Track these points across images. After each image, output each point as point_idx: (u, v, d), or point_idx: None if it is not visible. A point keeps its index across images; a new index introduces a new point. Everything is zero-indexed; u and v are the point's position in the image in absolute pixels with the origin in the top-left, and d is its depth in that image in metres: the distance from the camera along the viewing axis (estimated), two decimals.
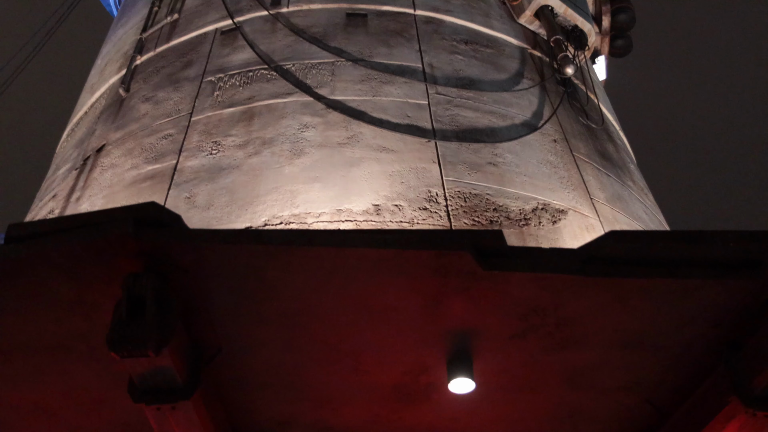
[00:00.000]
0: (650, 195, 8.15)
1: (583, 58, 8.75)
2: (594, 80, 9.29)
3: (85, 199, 6.78)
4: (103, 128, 7.66)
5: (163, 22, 8.47)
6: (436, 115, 6.63)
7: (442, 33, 7.67)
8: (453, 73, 7.19)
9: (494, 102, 7.07)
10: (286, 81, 6.89)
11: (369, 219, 5.66)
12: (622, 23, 11.51)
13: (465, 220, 5.77)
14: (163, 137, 6.81)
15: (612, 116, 9.02)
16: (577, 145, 7.29)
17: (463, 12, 8.06)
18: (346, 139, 6.25)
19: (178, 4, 8.60)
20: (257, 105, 6.71)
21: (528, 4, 8.38)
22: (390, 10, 7.77)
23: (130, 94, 7.82)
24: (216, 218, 5.80)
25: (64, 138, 8.74)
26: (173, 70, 7.65)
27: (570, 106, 7.85)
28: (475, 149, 6.43)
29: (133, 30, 8.98)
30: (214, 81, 7.17)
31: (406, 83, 6.89)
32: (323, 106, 6.58)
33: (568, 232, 6.12)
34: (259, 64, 7.15)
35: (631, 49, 11.82)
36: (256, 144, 6.31)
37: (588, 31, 8.81)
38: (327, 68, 7.00)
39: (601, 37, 11.43)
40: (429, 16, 7.82)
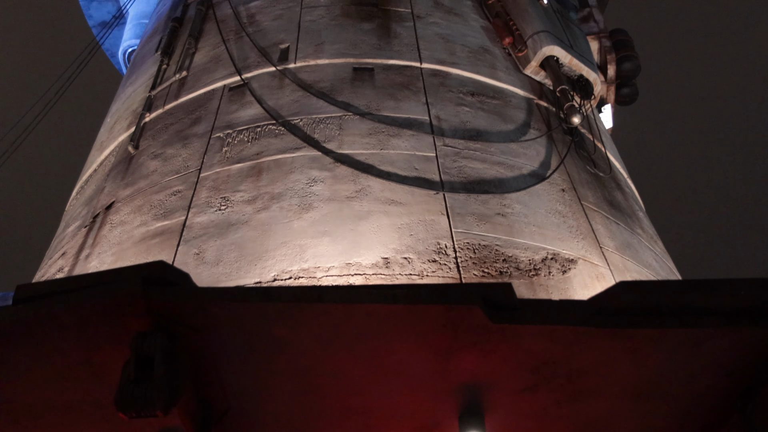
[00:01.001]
0: (660, 242, 8.11)
1: (589, 107, 8.78)
2: (601, 129, 9.31)
3: (94, 256, 6.79)
4: (113, 185, 7.69)
5: (172, 80, 8.55)
6: (444, 167, 6.64)
7: (448, 85, 7.71)
8: (460, 125, 7.21)
9: (501, 153, 7.08)
10: (294, 136, 6.92)
11: (378, 272, 5.64)
12: (628, 72, 11.59)
13: (474, 271, 5.75)
14: (172, 194, 6.83)
15: (619, 164, 9.02)
16: (585, 194, 7.28)
17: (469, 64, 8.11)
18: (355, 192, 6.26)
19: (187, 62, 8.68)
20: (265, 160, 6.74)
21: (533, 55, 8.42)
22: (396, 63, 7.82)
23: (139, 151, 7.86)
24: (225, 274, 5.79)
25: (74, 195, 8.78)
26: (182, 126, 7.70)
27: (577, 155, 7.85)
28: (483, 200, 6.43)
29: (142, 87, 9.05)
30: (222, 137, 7.20)
31: (413, 136, 6.91)
32: (331, 160, 6.60)
33: (579, 281, 6.09)
34: (267, 120, 7.19)
35: (636, 97, 11.88)
36: (264, 199, 6.32)
37: (593, 80, 8.85)
38: (335, 122, 7.03)
39: (606, 85, 11.49)
40: (435, 69, 7.87)
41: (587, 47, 9.41)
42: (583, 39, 9.52)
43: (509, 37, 8.72)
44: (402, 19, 8.48)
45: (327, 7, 8.62)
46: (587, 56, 9.05)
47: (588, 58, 9.02)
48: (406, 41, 8.14)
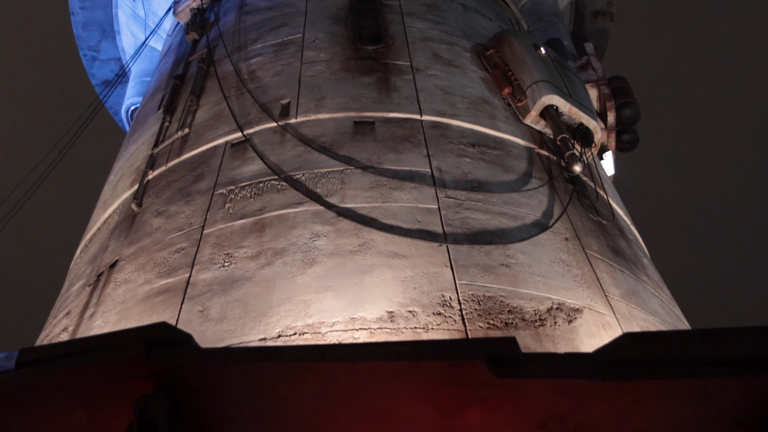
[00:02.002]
0: (665, 289, 8.09)
1: (590, 155, 8.80)
2: (602, 176, 9.33)
3: (98, 315, 6.78)
4: (116, 244, 7.70)
5: (174, 137, 8.60)
6: (447, 219, 6.64)
7: (449, 137, 7.75)
8: (462, 176, 7.23)
9: (504, 203, 7.09)
10: (296, 191, 6.94)
11: (383, 326, 5.62)
12: (628, 118, 11.66)
13: (480, 323, 5.73)
14: (176, 251, 6.84)
15: (622, 211, 9.03)
16: (589, 242, 7.28)
17: (469, 115, 8.16)
18: (358, 246, 6.27)
19: (189, 119, 8.74)
20: (268, 216, 6.75)
21: (533, 104, 8.47)
22: (397, 116, 7.87)
23: (142, 209, 7.89)
24: (230, 331, 5.77)
25: (78, 255, 8.79)
26: (185, 183, 7.73)
27: (580, 204, 7.86)
28: (486, 251, 6.43)
29: (145, 145, 9.11)
30: (225, 193, 7.23)
31: (415, 188, 6.93)
32: (334, 214, 6.62)
33: (585, 330, 6.06)
34: (269, 175, 7.22)
35: (637, 143, 11.93)
36: (268, 255, 6.32)
37: (594, 128, 8.89)
38: (336, 176, 7.06)
39: (607, 132, 11.55)
40: (435, 121, 7.91)
41: (586, 95, 9.46)
42: (582, 87, 9.58)
43: (508, 87, 8.78)
44: (401, 72, 8.55)
45: (327, 62, 8.70)
46: (586, 104, 9.10)
47: (587, 106, 9.07)
48: (406, 94, 8.20)
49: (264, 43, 9.41)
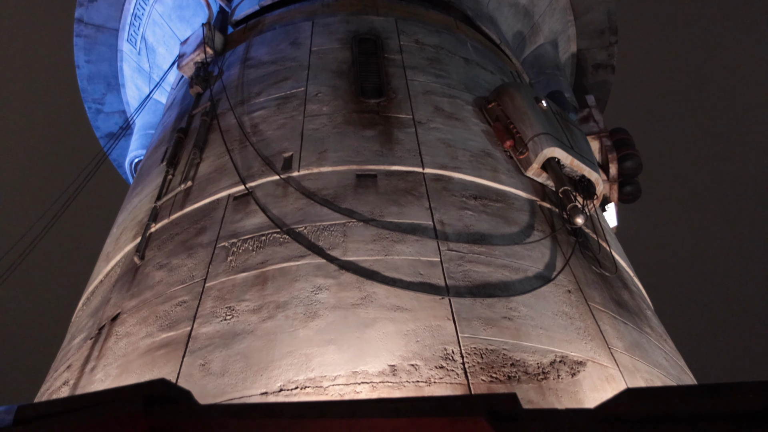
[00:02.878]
0: (669, 341, 8.04)
1: (592, 206, 8.82)
2: (605, 228, 9.33)
3: (99, 369, 6.75)
4: (118, 297, 7.69)
5: (177, 190, 8.63)
6: (449, 272, 6.64)
7: (451, 190, 7.77)
8: (464, 229, 7.24)
9: (506, 255, 7.09)
10: (298, 244, 6.95)
11: (385, 380, 5.59)
12: (630, 170, 11.69)
13: (482, 377, 5.69)
14: (178, 304, 6.83)
15: (625, 263, 9.01)
16: (591, 294, 7.26)
17: (471, 168, 8.19)
18: (360, 299, 6.25)
19: (192, 172, 8.78)
20: (270, 269, 6.75)
21: (534, 157, 8.50)
22: (399, 169, 7.90)
23: (144, 262, 7.89)
24: (231, 385, 5.74)
25: (80, 307, 8.78)
26: (187, 236, 7.75)
27: (582, 256, 7.85)
28: (489, 304, 6.41)
29: (148, 198, 9.15)
30: (227, 246, 7.24)
31: (417, 241, 6.93)
32: (336, 267, 6.61)
33: (588, 384, 6.02)
34: (271, 228, 7.24)
35: (640, 194, 11.95)
36: (270, 308, 6.31)
37: (595, 180, 8.91)
38: (339, 229, 7.07)
39: (609, 184, 11.58)
40: (438, 174, 7.94)
41: (588, 147, 9.50)
42: (584, 139, 9.62)
43: (510, 140, 8.82)
44: (403, 126, 8.60)
45: (329, 116, 8.76)
46: (588, 156, 9.13)
47: (589, 158, 9.10)
48: (408, 147, 8.24)
49: (267, 96, 9.48)
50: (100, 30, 15.18)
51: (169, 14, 14.45)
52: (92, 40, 15.32)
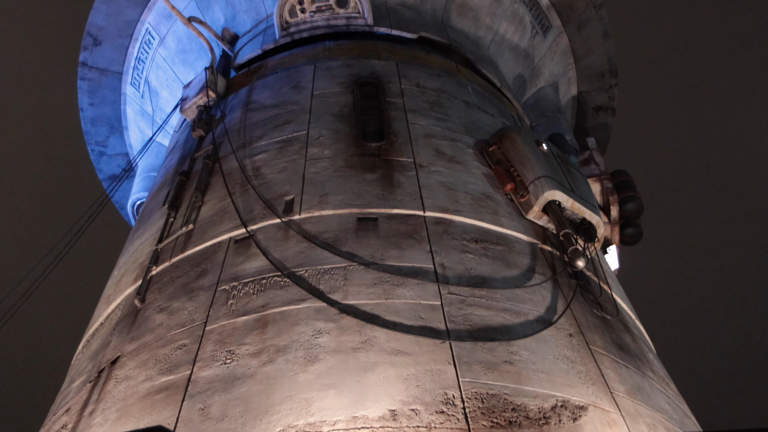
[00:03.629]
0: (672, 385, 8.00)
1: (593, 249, 8.81)
2: (606, 271, 9.32)
3: (98, 413, 6.72)
4: (118, 340, 7.68)
5: (179, 233, 8.65)
6: (450, 316, 6.63)
7: (452, 233, 7.78)
8: (464, 272, 7.24)
9: (507, 299, 7.08)
10: (299, 287, 6.95)
11: (385, 425, 5.56)
12: (631, 212, 11.72)
13: (483, 422, 5.67)
14: (178, 348, 6.82)
15: (627, 306, 9.00)
16: (593, 337, 7.24)
17: (472, 211, 8.20)
18: (360, 343, 6.24)
19: (194, 215, 8.79)
20: (271, 312, 6.75)
21: (535, 200, 8.51)
22: (400, 213, 7.91)
23: (145, 305, 7.89)
24: (230, 429, 5.72)
25: (80, 350, 8.76)
26: (188, 279, 7.75)
27: (584, 299, 7.84)
28: (490, 348, 6.39)
29: (150, 241, 9.16)
30: (228, 289, 7.23)
31: (418, 285, 6.93)
32: (336, 311, 6.61)
33: (590, 428, 5.99)
34: (272, 272, 7.24)
35: (641, 236, 11.96)
36: (270, 352, 6.30)
37: (596, 223, 8.90)
38: (339, 273, 7.07)
39: (610, 226, 11.59)
40: (438, 217, 7.95)
41: (589, 190, 9.51)
42: (585, 182, 9.64)
43: (511, 183, 8.84)
44: (405, 169, 8.63)
45: (330, 159, 8.79)
46: (589, 199, 9.14)
47: (590, 201, 9.11)
48: (409, 190, 8.25)
49: (269, 140, 9.53)
50: (104, 73, 15.30)
51: (173, 58, 14.57)
52: (96, 84, 15.44)
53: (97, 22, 14.71)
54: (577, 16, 15.02)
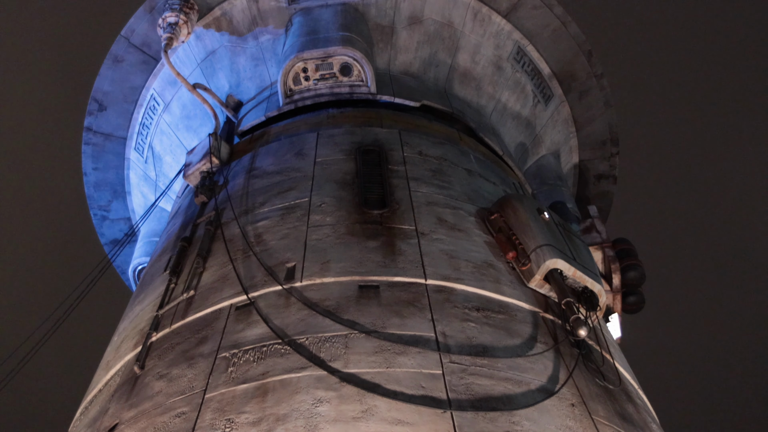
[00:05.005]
0: None
1: (595, 318, 8.79)
2: (608, 340, 9.27)
3: None
4: (117, 407, 7.62)
5: (180, 299, 8.63)
6: (451, 385, 6.59)
7: (453, 301, 7.76)
8: (466, 341, 7.21)
9: (509, 368, 7.04)
10: (299, 355, 6.91)
11: None
12: (633, 280, 11.71)
13: None
14: (176, 415, 6.76)
15: (629, 375, 8.94)
16: (595, 408, 7.18)
17: (473, 279, 8.19)
18: (361, 413, 6.19)
19: (195, 281, 8.79)
20: (271, 380, 6.70)
21: (537, 268, 8.51)
22: (401, 281, 7.91)
23: (144, 372, 7.84)
24: None
25: (78, 417, 8.68)
26: (188, 346, 7.71)
27: (586, 368, 7.79)
28: (491, 418, 6.34)
29: (150, 307, 9.13)
30: (228, 357, 7.20)
31: (419, 353, 6.90)
32: (337, 379, 6.56)
33: None
34: (273, 339, 7.21)
35: (643, 304, 11.93)
36: (269, 421, 6.24)
37: (598, 291, 8.89)
38: (340, 341, 7.04)
39: (612, 294, 11.58)
40: (440, 285, 7.94)
41: (590, 258, 9.51)
42: (586, 250, 9.65)
43: (512, 251, 8.85)
44: (406, 237, 8.64)
45: (333, 226, 8.81)
46: (591, 267, 9.14)
47: (592, 269, 9.11)
48: (411, 258, 8.26)
49: (271, 206, 9.56)
50: (108, 138, 15.41)
51: (177, 124, 14.70)
52: (100, 148, 15.53)
53: (103, 87, 14.86)
54: (578, 85, 15.17)
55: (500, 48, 14.36)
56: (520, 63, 14.55)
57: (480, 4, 14.05)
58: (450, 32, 14.15)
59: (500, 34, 14.27)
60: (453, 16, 14.08)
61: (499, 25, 14.19)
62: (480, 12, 14.05)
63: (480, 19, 14.10)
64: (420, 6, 13.96)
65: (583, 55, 14.84)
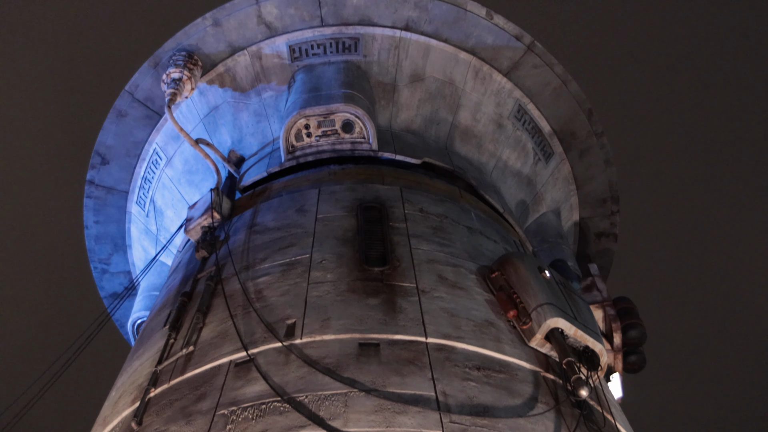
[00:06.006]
0: None
1: (596, 378, 8.73)
2: (610, 400, 9.21)
3: None
4: None
5: (179, 354, 8.58)
6: None
7: (454, 360, 7.73)
8: (466, 401, 7.16)
9: (510, 429, 6.99)
10: (299, 413, 6.86)
11: None
12: (634, 339, 11.65)
13: None
14: None
15: None
16: None
17: (474, 338, 8.16)
18: None
19: (194, 336, 8.75)
20: None
21: (538, 327, 8.49)
22: (402, 339, 7.88)
23: (142, 428, 7.77)
24: None
25: None
26: (186, 403, 7.65)
27: (587, 429, 7.74)
28: None
29: (149, 362, 9.08)
30: (226, 414, 7.14)
31: (419, 413, 6.85)
32: None
33: None
34: (272, 397, 7.16)
35: (645, 364, 11.86)
36: None
37: (599, 351, 8.85)
38: (340, 399, 7.00)
39: (613, 354, 11.51)
40: (440, 344, 7.91)
41: (591, 317, 9.49)
42: (587, 309, 9.63)
43: (513, 310, 8.83)
44: (407, 294, 8.63)
45: (333, 283, 8.80)
46: (592, 327, 9.11)
47: (593, 328, 9.08)
48: (412, 316, 8.24)
49: (272, 262, 9.56)
50: (110, 192, 15.45)
51: (179, 178, 14.75)
52: (102, 202, 15.56)
53: (106, 141, 14.93)
54: (578, 144, 15.25)
55: (501, 106, 14.47)
56: (521, 121, 14.65)
57: (481, 63, 14.16)
58: (451, 90, 14.27)
59: (501, 92, 14.38)
60: (454, 74, 14.20)
61: (500, 84, 14.30)
62: (481, 70, 14.18)
63: (481, 78, 14.22)
64: (422, 64, 14.09)
65: (584, 114, 14.94)
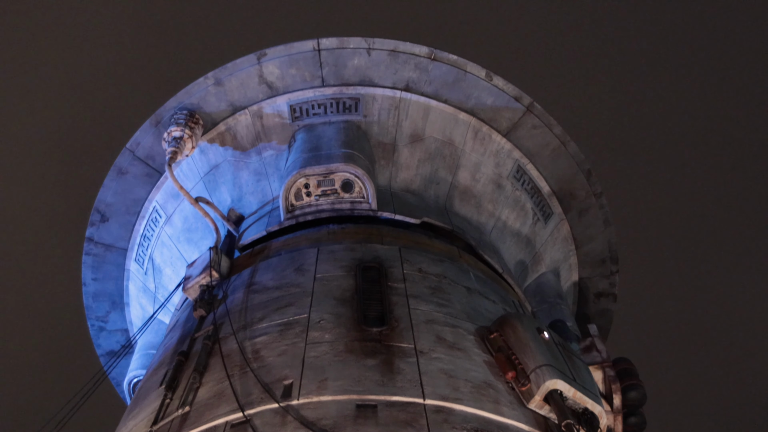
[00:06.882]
0: None
1: None
2: None
3: None
4: None
5: (174, 415, 8.51)
6: None
7: (452, 422, 7.66)
8: None
9: None
10: None
11: None
12: (634, 400, 11.55)
13: None
14: None
15: None
16: None
17: (472, 399, 8.10)
18: None
19: (190, 396, 8.68)
20: None
21: (536, 389, 8.43)
22: (399, 400, 7.81)
23: None
24: None
25: None
26: None
27: None
28: None
29: (144, 422, 9.00)
30: None
31: None
32: None
33: None
34: None
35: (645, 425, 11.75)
36: None
37: (599, 413, 8.79)
38: None
39: (613, 415, 11.40)
40: (438, 405, 7.84)
41: (591, 379, 9.43)
42: (586, 370, 9.58)
43: (512, 371, 8.78)
44: (405, 355, 8.58)
45: (331, 343, 8.76)
46: (591, 388, 9.06)
47: (592, 390, 9.03)
48: (410, 377, 8.18)
49: (270, 322, 9.52)
50: (109, 249, 15.45)
51: (178, 236, 14.76)
52: (101, 259, 15.55)
53: (106, 199, 14.97)
54: (577, 204, 15.28)
55: (500, 166, 14.54)
56: (520, 181, 14.71)
57: (480, 123, 14.26)
58: (451, 150, 14.34)
59: (500, 152, 14.45)
60: (454, 134, 14.28)
61: (499, 144, 14.39)
62: (480, 131, 14.27)
63: (480, 138, 14.31)
64: (422, 125, 14.18)
65: (583, 174, 15.00)
